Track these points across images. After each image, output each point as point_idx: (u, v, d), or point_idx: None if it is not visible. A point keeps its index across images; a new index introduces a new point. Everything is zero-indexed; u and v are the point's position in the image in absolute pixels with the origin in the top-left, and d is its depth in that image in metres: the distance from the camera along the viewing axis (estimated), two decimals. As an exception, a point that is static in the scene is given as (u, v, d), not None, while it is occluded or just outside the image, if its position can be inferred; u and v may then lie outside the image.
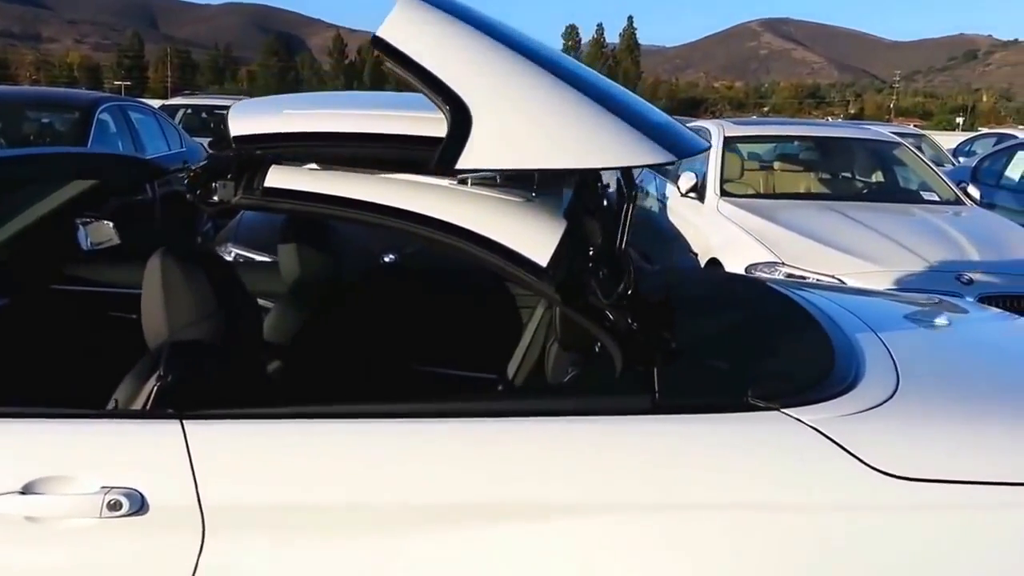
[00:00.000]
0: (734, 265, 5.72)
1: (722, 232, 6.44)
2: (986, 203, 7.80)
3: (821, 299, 2.74)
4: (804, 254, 5.58)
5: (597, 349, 2.05)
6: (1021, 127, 25.98)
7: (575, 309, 1.93)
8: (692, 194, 7.12)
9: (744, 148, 8.28)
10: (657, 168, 8.89)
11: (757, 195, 7.30)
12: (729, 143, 7.61)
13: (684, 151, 1.93)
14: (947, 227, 6.17)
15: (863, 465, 1.75)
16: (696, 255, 6.58)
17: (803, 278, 5.28)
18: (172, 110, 16.87)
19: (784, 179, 7.86)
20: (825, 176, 7.92)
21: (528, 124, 1.80)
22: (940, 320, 2.65)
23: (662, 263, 7.50)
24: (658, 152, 1.82)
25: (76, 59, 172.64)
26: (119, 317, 3.16)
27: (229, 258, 5.20)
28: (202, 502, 1.78)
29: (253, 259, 5.00)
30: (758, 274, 5.40)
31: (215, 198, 2.00)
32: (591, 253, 1.98)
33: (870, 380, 2.04)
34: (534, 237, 1.90)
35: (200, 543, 1.79)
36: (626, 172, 1.92)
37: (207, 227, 7.80)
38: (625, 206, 1.99)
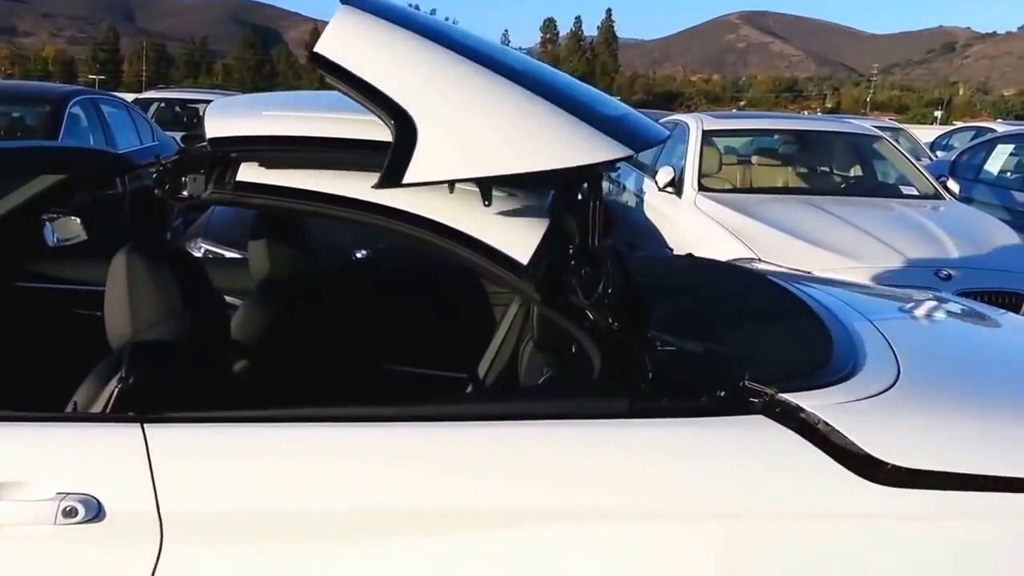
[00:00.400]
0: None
1: (699, 227, 6.40)
2: (965, 197, 7.80)
3: (816, 290, 2.74)
4: (781, 250, 5.56)
5: (573, 349, 2.00)
6: (999, 120, 26.14)
7: (554, 309, 1.89)
8: (669, 188, 7.08)
9: (721, 142, 8.24)
10: (635, 163, 8.85)
11: (735, 189, 7.28)
12: (707, 137, 7.57)
13: (642, 143, 1.91)
14: (926, 222, 6.17)
15: (854, 462, 1.72)
16: (671, 250, 6.54)
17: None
18: (145, 104, 16.80)
19: (762, 173, 7.85)
20: (803, 170, 7.90)
21: (476, 130, 1.75)
22: (936, 314, 2.65)
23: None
24: (615, 147, 1.78)
25: (51, 53, 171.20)
26: (85, 315, 3.09)
27: (199, 254, 5.15)
28: (161, 509, 1.72)
29: (223, 255, 4.94)
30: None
31: (185, 193, 1.96)
32: (571, 251, 1.93)
33: (870, 369, 2.02)
34: (515, 234, 1.86)
35: (157, 552, 1.73)
36: (588, 169, 1.86)
37: (178, 222, 7.71)
38: (592, 203, 1.95)
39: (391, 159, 1.69)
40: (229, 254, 4.86)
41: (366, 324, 3.21)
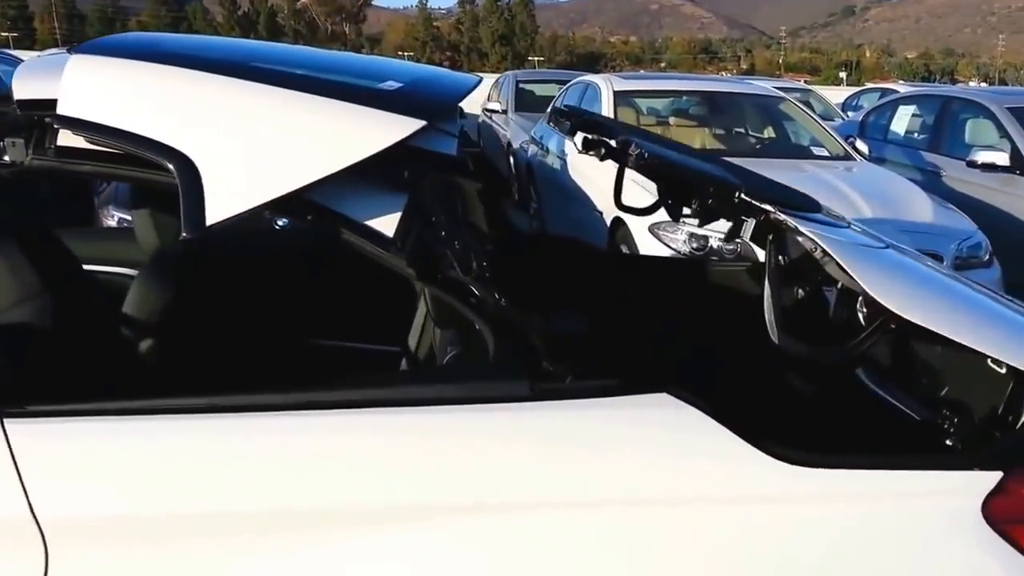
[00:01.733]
0: (638, 224, 5.76)
1: (623, 190, 6.38)
2: (876, 157, 7.98)
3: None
4: None
5: (477, 327, 1.89)
6: (901, 82, 26.73)
7: (434, 283, 1.79)
8: (593, 151, 7.08)
9: (642, 103, 8.30)
10: (556, 124, 8.86)
11: (655, 152, 7.32)
12: (619, 98, 7.65)
13: (434, 110, 1.81)
14: (839, 183, 6.27)
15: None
16: (601, 213, 6.60)
17: (706, 237, 5.39)
18: (52, 64, 16.18)
19: (680, 134, 7.90)
20: (719, 131, 8.00)
21: (260, 149, 1.63)
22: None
23: (567, 223, 7.50)
24: (404, 122, 1.68)
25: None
26: None
27: (112, 223, 4.93)
28: (37, 515, 1.56)
29: None
30: (662, 234, 5.50)
31: (6, 158, 1.78)
32: (443, 225, 1.81)
33: (862, 234, 2.12)
34: (376, 208, 1.73)
35: (44, 562, 1.58)
36: (393, 151, 1.70)
37: (103, 188, 7.48)
38: (421, 182, 1.85)
39: (185, 205, 1.54)
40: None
41: (283, 295, 3.01)
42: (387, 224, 1.71)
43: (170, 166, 1.56)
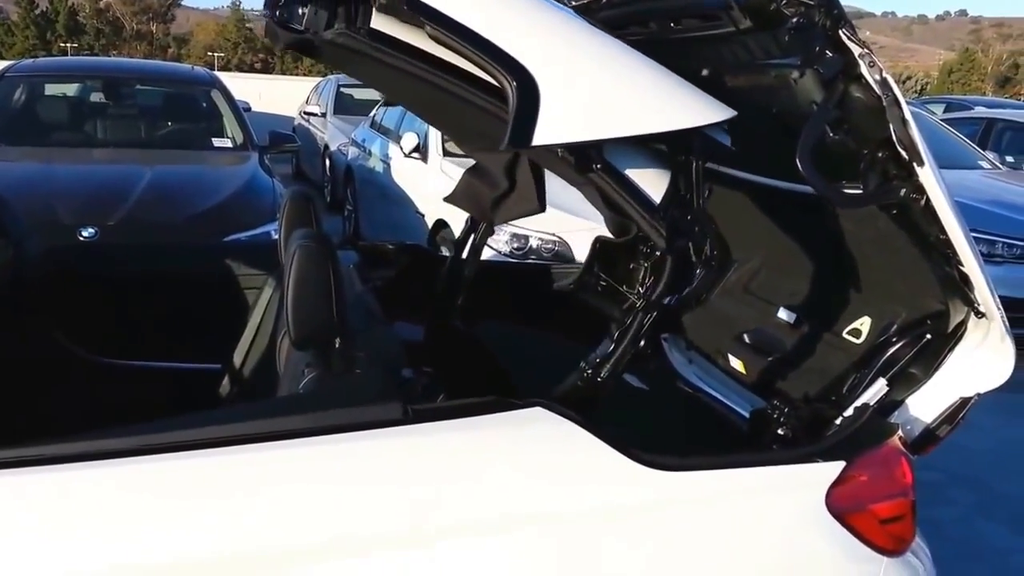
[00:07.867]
0: (460, 226, 5.81)
1: (447, 191, 6.43)
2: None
3: None
4: None
5: (337, 345, 1.82)
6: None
7: (673, 257, 1.82)
8: (416, 154, 7.11)
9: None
10: (379, 129, 8.85)
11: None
12: None
13: (728, 108, 1.82)
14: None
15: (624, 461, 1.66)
16: (423, 216, 6.62)
17: (527, 237, 5.49)
18: None
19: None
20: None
21: (601, 91, 1.65)
22: None
23: (387, 225, 7.49)
24: (720, 108, 1.74)
25: None
26: None
27: None
28: None
29: None
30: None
31: (300, 24, 1.66)
32: (694, 210, 1.87)
33: None
34: (646, 176, 1.82)
35: None
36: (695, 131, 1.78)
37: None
38: (696, 164, 1.89)
39: (515, 123, 1.51)
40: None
41: (91, 315, 2.80)
42: (655, 191, 1.81)
43: (507, 81, 1.51)
